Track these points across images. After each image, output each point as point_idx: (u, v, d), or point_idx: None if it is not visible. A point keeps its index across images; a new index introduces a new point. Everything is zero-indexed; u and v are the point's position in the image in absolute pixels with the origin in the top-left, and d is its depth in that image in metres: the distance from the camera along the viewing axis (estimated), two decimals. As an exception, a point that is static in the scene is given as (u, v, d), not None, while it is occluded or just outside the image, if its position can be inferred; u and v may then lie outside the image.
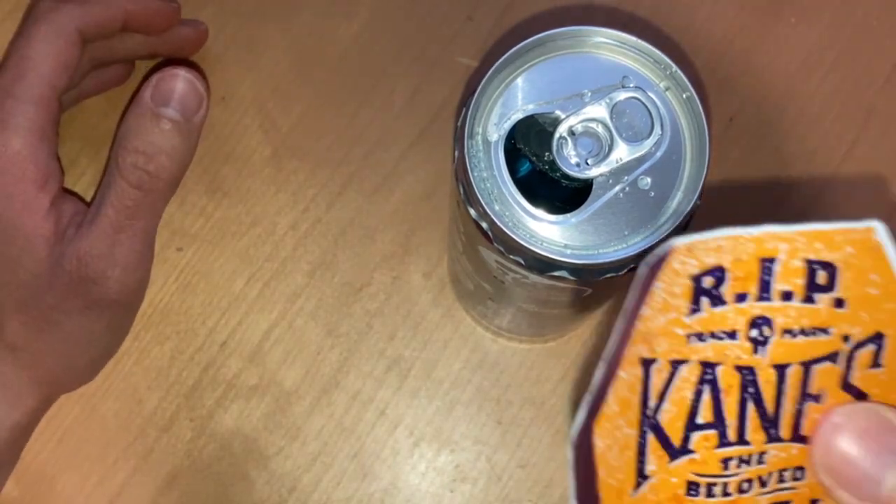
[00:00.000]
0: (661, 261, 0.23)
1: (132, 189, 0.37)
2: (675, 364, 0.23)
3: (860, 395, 0.23)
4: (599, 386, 0.23)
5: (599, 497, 0.23)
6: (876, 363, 0.23)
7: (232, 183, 0.46)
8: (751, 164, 0.46)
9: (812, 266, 0.22)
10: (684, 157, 0.28)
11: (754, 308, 0.22)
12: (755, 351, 0.22)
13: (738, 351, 0.22)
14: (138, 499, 0.43)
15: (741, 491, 0.23)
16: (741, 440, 0.23)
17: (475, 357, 0.45)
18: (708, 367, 0.22)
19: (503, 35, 0.47)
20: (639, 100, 0.29)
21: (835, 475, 0.22)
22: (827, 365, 0.22)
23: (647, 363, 0.23)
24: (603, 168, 0.28)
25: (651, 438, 0.23)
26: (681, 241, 0.22)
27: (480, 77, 0.28)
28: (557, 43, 0.29)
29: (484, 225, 0.29)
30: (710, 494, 0.23)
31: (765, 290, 0.22)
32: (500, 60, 0.28)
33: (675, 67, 0.29)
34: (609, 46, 0.29)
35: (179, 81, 0.37)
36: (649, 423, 0.23)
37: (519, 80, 0.29)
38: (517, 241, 0.27)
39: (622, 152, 0.28)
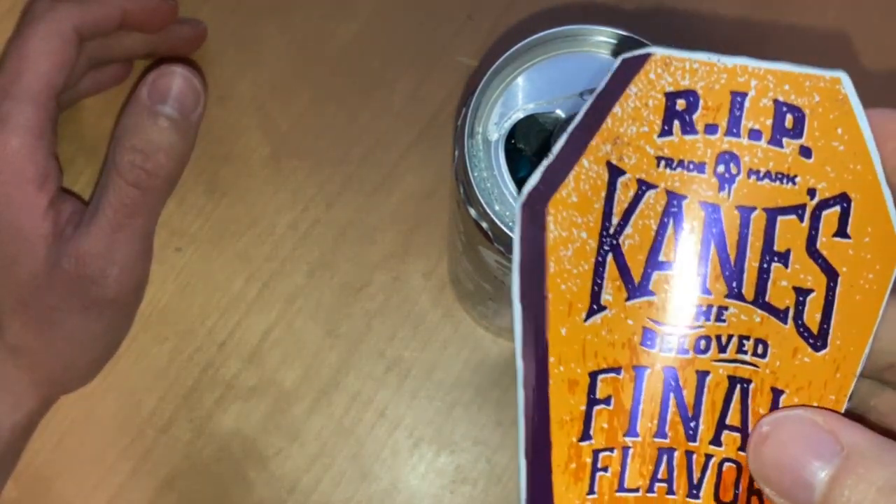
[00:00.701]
0: (638, 63, 0.22)
1: (130, 187, 0.36)
2: (643, 185, 0.22)
3: (828, 269, 0.22)
4: (559, 156, 0.23)
5: (547, 296, 0.23)
6: (843, 231, 0.22)
7: (231, 183, 0.46)
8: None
9: (781, 107, 0.22)
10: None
11: (723, 142, 0.22)
12: (721, 188, 0.22)
13: (705, 186, 0.22)
14: (137, 500, 0.43)
15: (698, 350, 0.22)
16: (701, 287, 0.22)
17: (475, 358, 0.44)
18: (674, 198, 0.22)
19: (503, 35, 0.46)
20: (640, 99, 0.28)
21: (770, 483, 0.22)
22: (792, 218, 0.22)
23: (614, 171, 0.22)
24: (604, 168, 0.28)
25: (610, 260, 0.23)
26: (659, 51, 0.22)
27: (480, 77, 0.28)
28: (558, 42, 0.29)
29: (484, 225, 0.28)
30: (665, 348, 0.22)
31: (734, 126, 0.22)
32: (500, 60, 0.28)
33: (676, 66, 0.28)
34: (610, 45, 0.29)
35: (176, 78, 0.36)
36: (610, 242, 0.22)
37: (519, 80, 0.29)
38: (517, 242, 0.27)
39: (623, 152, 0.28)
